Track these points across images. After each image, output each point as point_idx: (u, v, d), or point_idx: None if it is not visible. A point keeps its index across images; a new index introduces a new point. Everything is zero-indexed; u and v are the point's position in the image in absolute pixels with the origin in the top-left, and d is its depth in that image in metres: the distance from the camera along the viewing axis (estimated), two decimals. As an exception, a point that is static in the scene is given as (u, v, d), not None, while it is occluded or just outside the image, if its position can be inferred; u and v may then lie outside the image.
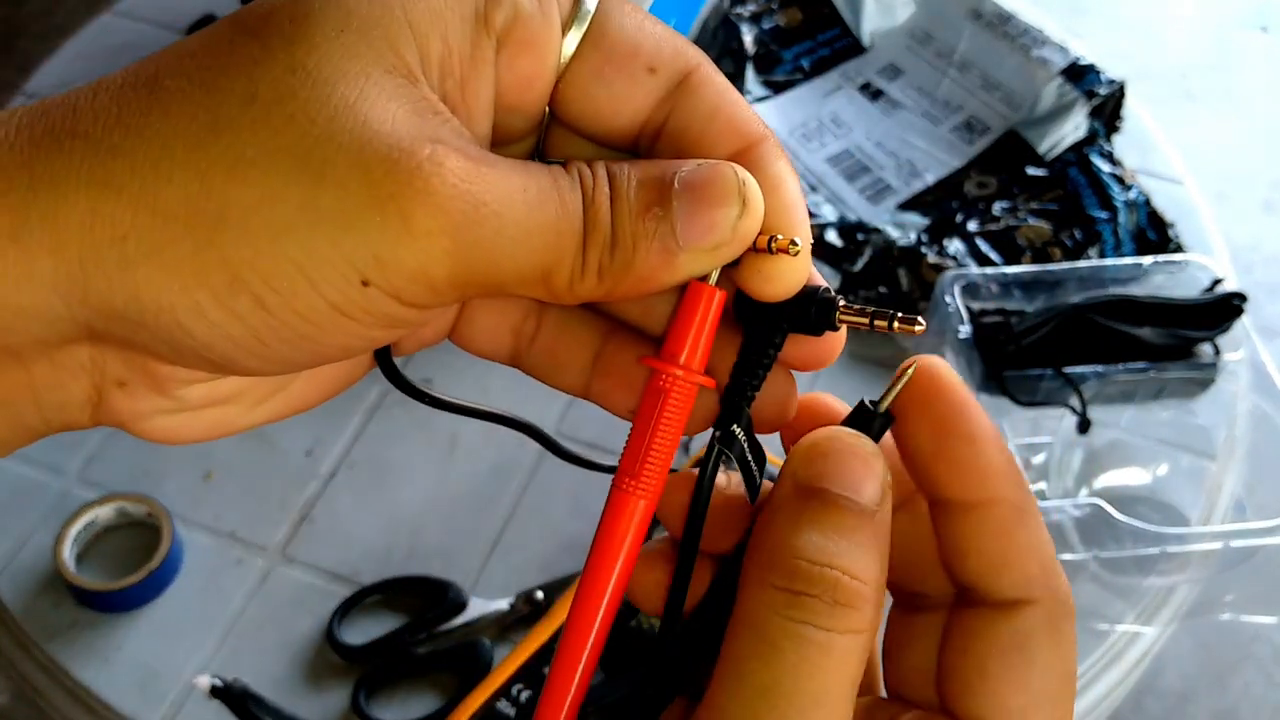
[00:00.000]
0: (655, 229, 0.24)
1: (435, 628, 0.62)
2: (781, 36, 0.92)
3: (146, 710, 0.60)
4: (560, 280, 0.24)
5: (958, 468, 0.26)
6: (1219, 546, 0.63)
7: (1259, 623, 0.68)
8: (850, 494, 0.24)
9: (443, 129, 0.23)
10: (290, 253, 0.22)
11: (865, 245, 0.77)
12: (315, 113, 0.22)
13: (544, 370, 0.29)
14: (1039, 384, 0.69)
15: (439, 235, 0.22)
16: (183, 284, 0.22)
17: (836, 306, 0.26)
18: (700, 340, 0.26)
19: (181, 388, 0.26)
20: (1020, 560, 0.26)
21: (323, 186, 0.21)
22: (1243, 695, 1.34)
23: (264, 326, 0.23)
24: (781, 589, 0.24)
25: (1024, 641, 0.26)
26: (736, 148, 0.26)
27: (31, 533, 0.66)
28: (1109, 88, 0.84)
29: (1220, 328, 0.70)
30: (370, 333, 0.24)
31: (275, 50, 0.22)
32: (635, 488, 0.26)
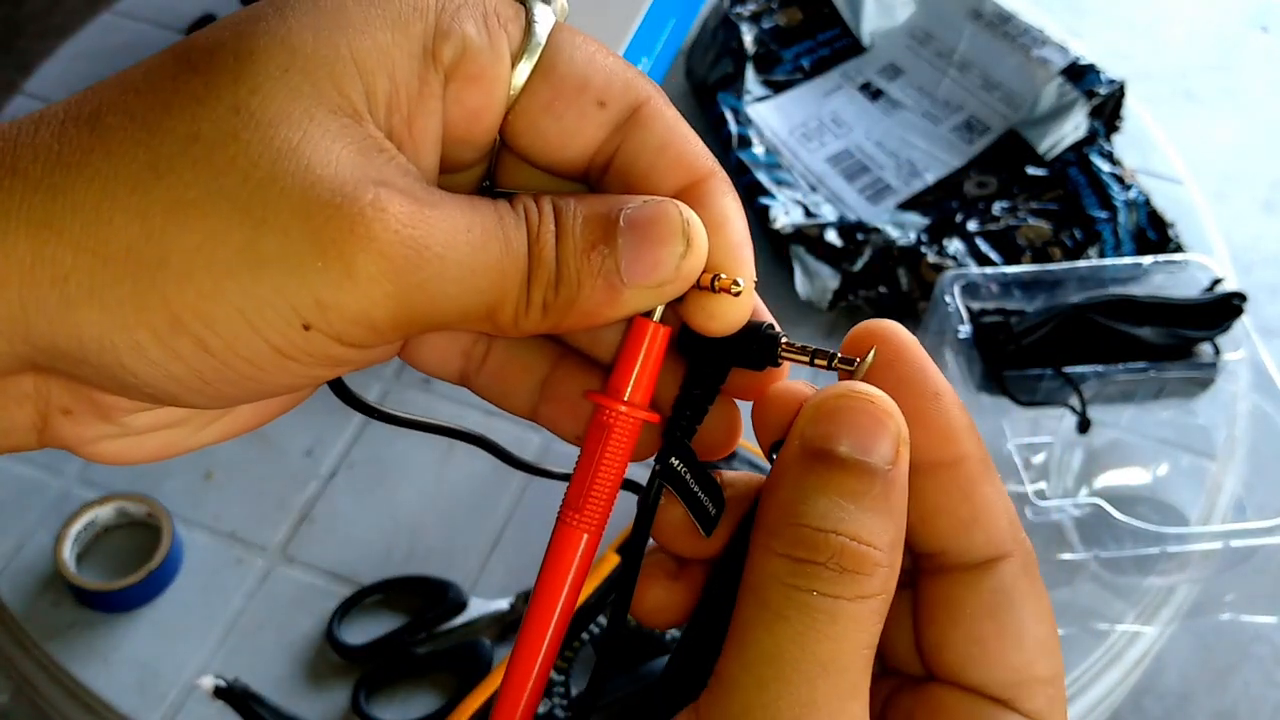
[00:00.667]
0: (600, 266, 0.24)
1: (435, 628, 0.62)
2: (781, 36, 0.92)
3: (146, 710, 0.60)
4: (505, 317, 0.24)
5: (925, 425, 0.25)
6: (1219, 546, 0.63)
7: (1259, 623, 0.68)
8: (860, 454, 0.24)
9: (387, 169, 0.23)
10: (232, 297, 0.22)
11: (865, 245, 0.77)
12: (258, 155, 0.22)
13: (493, 393, 0.30)
14: (1039, 384, 0.69)
15: (381, 280, 0.22)
16: (123, 324, 0.22)
17: (779, 344, 0.26)
18: (644, 376, 0.26)
19: (126, 415, 0.26)
20: (990, 515, 0.26)
21: (264, 231, 0.21)
22: (1243, 695, 1.34)
23: (206, 367, 0.23)
24: (785, 555, 0.23)
25: (1008, 598, 0.25)
26: (684, 182, 0.26)
27: (31, 533, 0.66)
28: (1109, 88, 0.84)
29: (1220, 328, 0.70)
30: (313, 372, 0.24)
31: (219, 89, 0.22)
32: (579, 521, 0.26)
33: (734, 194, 0.26)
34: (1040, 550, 0.61)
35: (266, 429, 0.72)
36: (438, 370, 0.30)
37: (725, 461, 0.66)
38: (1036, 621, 0.25)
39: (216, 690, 0.58)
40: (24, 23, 2.09)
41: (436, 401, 0.72)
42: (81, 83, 0.23)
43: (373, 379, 0.73)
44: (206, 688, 0.58)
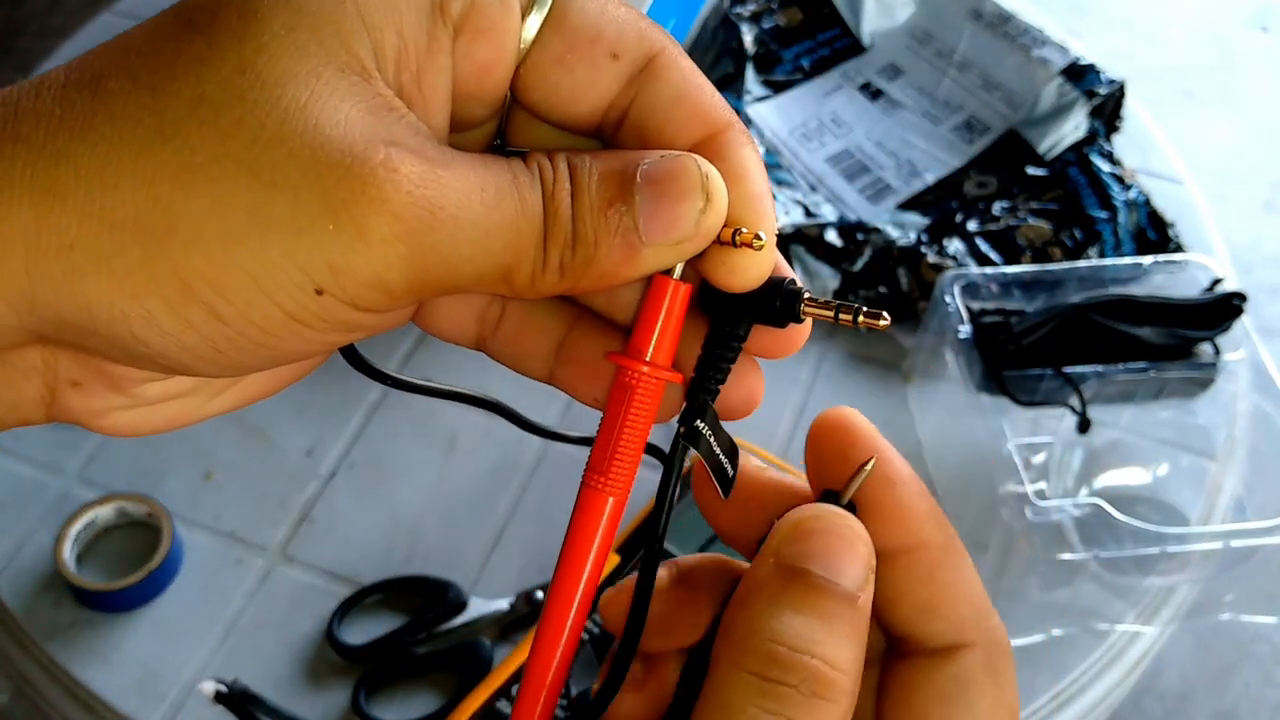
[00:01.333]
0: (617, 224, 0.23)
1: (435, 628, 0.62)
2: (781, 36, 0.92)
3: (146, 710, 0.60)
4: (521, 278, 0.23)
5: (879, 513, 0.25)
6: (1219, 546, 0.63)
7: (1259, 623, 0.68)
8: (834, 577, 0.24)
9: (397, 128, 0.22)
10: (243, 262, 0.21)
11: (865, 245, 0.77)
12: (265, 116, 0.21)
13: (509, 357, 0.29)
14: (1039, 384, 0.69)
15: (394, 242, 0.21)
16: (133, 293, 0.21)
17: (801, 299, 0.26)
18: (666, 335, 0.26)
19: (136, 386, 0.26)
20: (951, 603, 0.26)
21: (274, 194, 0.21)
22: (1243, 695, 1.34)
23: (219, 335, 0.22)
24: (755, 674, 0.23)
25: (963, 688, 0.25)
26: (701, 134, 0.25)
27: (31, 533, 0.66)
28: (1109, 88, 0.84)
29: (1220, 328, 0.70)
30: (326, 337, 0.23)
31: (223, 48, 0.22)
32: (605, 484, 0.26)
33: (753, 145, 0.25)
34: (1040, 550, 0.61)
35: (266, 429, 0.72)
36: (453, 335, 0.29)
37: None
38: (987, 716, 0.25)
39: (217, 695, 0.58)
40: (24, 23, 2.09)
41: (437, 401, 0.72)
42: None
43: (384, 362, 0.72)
44: (207, 693, 0.58)
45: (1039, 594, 0.64)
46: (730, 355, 0.26)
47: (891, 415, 0.73)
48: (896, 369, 0.75)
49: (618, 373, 0.26)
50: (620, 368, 0.26)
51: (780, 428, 0.72)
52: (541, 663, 0.26)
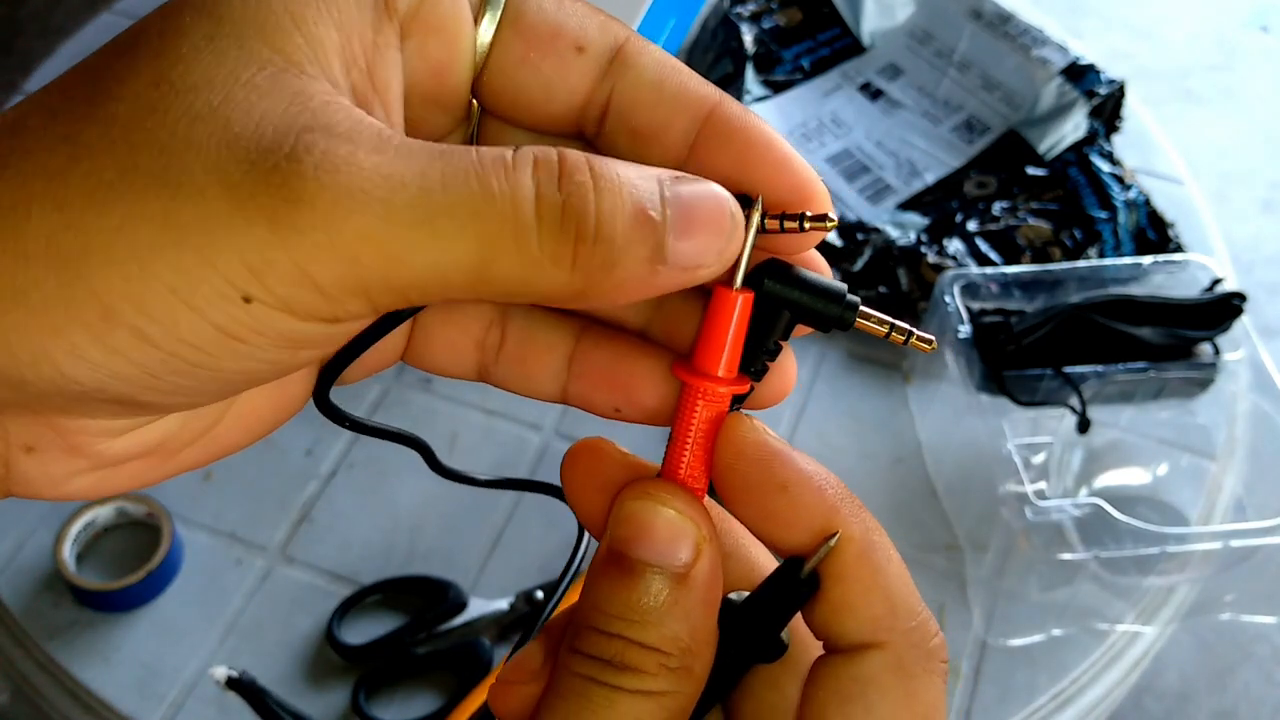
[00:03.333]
0: (645, 234, 0.22)
1: (435, 628, 0.62)
2: (781, 36, 0.92)
3: (146, 710, 0.60)
4: (504, 271, 0.21)
5: (779, 522, 0.25)
6: (1219, 546, 0.63)
7: (1259, 623, 0.68)
8: (655, 559, 0.24)
9: (322, 115, 0.20)
10: (161, 275, 0.20)
11: (865, 245, 0.77)
12: (175, 124, 0.20)
13: (515, 381, 0.28)
14: (1039, 384, 0.69)
15: (310, 231, 0.19)
16: (54, 327, 0.20)
17: (857, 310, 0.25)
18: (736, 348, 0.25)
19: (95, 444, 0.24)
20: (863, 601, 0.24)
21: (181, 198, 0.20)
22: (1243, 695, 1.34)
23: (150, 360, 0.21)
24: (575, 651, 0.24)
25: (863, 689, 0.24)
26: (696, 114, 0.24)
27: (31, 533, 0.66)
28: (1109, 88, 0.84)
29: (1220, 328, 0.70)
30: (269, 355, 0.21)
31: (140, 67, 0.21)
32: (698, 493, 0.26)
33: (750, 111, 0.24)
34: (1040, 550, 0.61)
35: (266, 429, 0.72)
36: (451, 367, 0.28)
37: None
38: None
39: (229, 681, 0.58)
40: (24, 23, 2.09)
41: (437, 402, 0.72)
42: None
43: (373, 379, 0.73)
44: (219, 678, 0.58)
45: (1039, 594, 0.64)
46: (771, 358, 0.26)
47: (891, 415, 0.73)
48: (896, 369, 0.75)
49: (691, 389, 0.26)
50: (694, 386, 0.26)
51: (780, 428, 0.72)
52: None
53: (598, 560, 0.25)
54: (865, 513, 0.25)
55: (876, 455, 0.71)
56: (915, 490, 0.69)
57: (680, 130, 0.24)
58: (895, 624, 0.24)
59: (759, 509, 0.25)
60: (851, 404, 0.74)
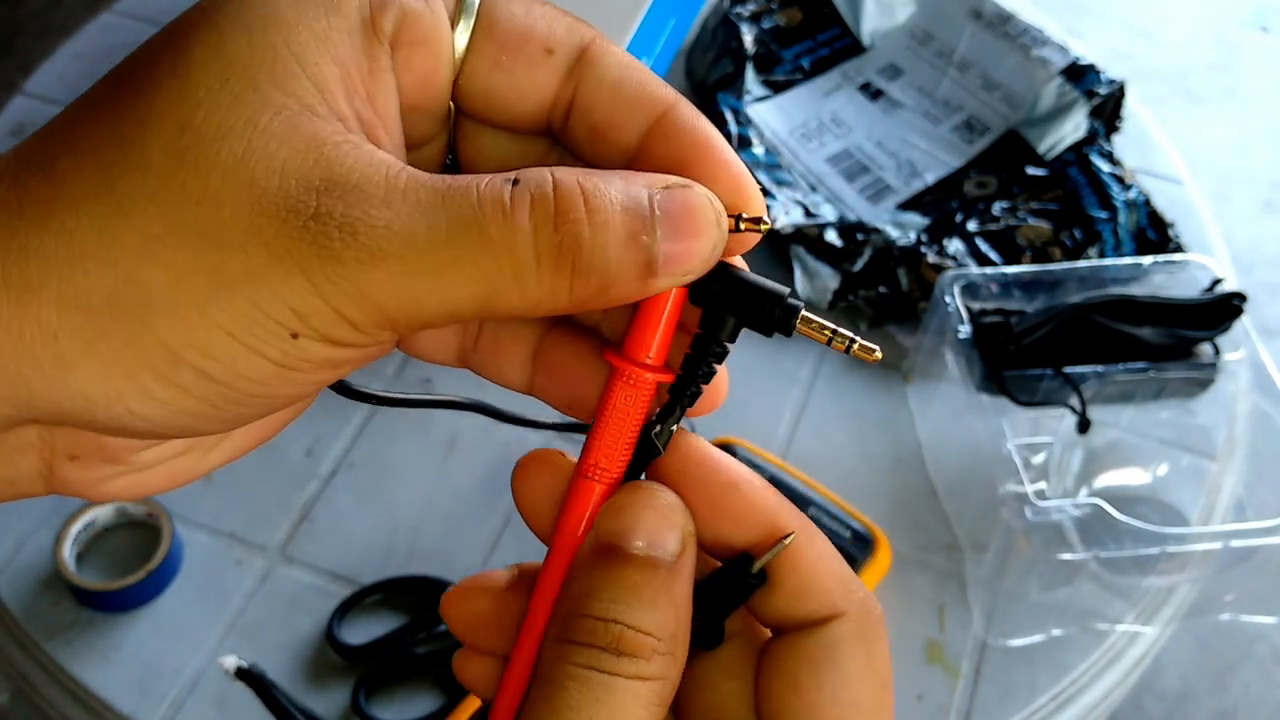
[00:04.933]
0: (637, 257, 0.23)
1: (435, 628, 0.62)
2: (781, 36, 0.92)
3: (146, 710, 0.60)
4: (506, 305, 0.23)
5: (730, 515, 0.26)
6: (1219, 546, 0.63)
7: (1259, 623, 0.68)
8: (645, 549, 0.25)
9: (337, 167, 0.22)
10: (218, 321, 0.22)
11: (865, 245, 0.77)
12: (206, 174, 0.22)
13: (490, 370, 0.30)
14: (1039, 384, 0.69)
15: (340, 282, 0.22)
16: (125, 371, 0.22)
17: (799, 314, 0.26)
18: (665, 337, 0.27)
19: (132, 454, 0.27)
20: (819, 581, 0.26)
21: (227, 254, 0.22)
22: (1243, 695, 1.34)
23: (213, 393, 0.23)
24: (569, 641, 0.25)
25: (832, 652, 0.26)
26: (651, 115, 0.26)
27: (31, 533, 0.66)
28: (1109, 88, 0.84)
29: (1220, 328, 0.70)
30: (317, 376, 0.24)
31: (162, 111, 0.22)
32: (599, 475, 0.27)
33: (701, 115, 0.26)
34: (1040, 550, 0.61)
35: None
36: (436, 354, 0.30)
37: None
38: (857, 679, 0.26)
39: (239, 671, 0.58)
40: (24, 23, 2.09)
41: (436, 401, 0.72)
42: (82, 82, 0.23)
43: (372, 380, 0.73)
44: (229, 667, 0.58)
45: (1039, 594, 0.64)
46: (718, 360, 0.27)
47: (891, 415, 0.73)
48: (896, 369, 0.75)
49: (616, 372, 0.27)
50: (620, 369, 0.27)
51: (780, 428, 0.72)
52: (528, 645, 0.27)
53: (584, 554, 0.26)
54: (793, 506, 0.27)
55: (876, 455, 0.71)
56: (915, 490, 0.69)
57: (635, 128, 0.26)
58: (848, 594, 0.26)
59: (713, 505, 0.27)
60: (851, 404, 0.74)
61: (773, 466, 0.67)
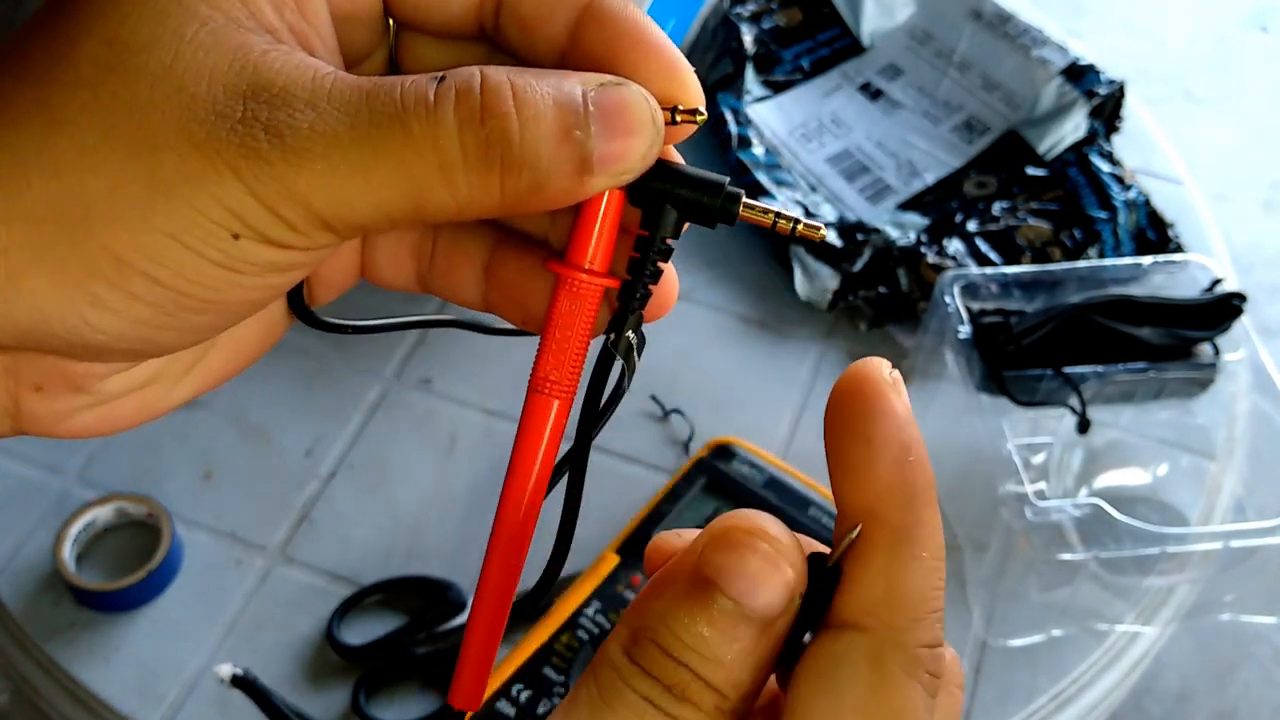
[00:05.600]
0: (572, 153, 0.23)
1: (435, 628, 0.62)
2: (781, 36, 0.92)
3: (146, 710, 0.60)
4: (435, 206, 0.23)
5: (845, 468, 0.25)
6: (1219, 546, 0.63)
7: (1259, 623, 0.68)
8: (742, 598, 0.23)
9: (265, 73, 0.23)
10: (160, 224, 0.22)
11: (865, 245, 0.77)
12: (135, 84, 0.22)
13: (447, 289, 0.30)
14: (1039, 384, 0.69)
15: (270, 182, 0.22)
16: (75, 279, 0.22)
17: (740, 200, 0.26)
18: (603, 241, 0.26)
19: (98, 381, 0.26)
20: (866, 581, 0.24)
21: (161, 158, 0.22)
22: (1242, 695, 1.34)
23: (165, 300, 0.23)
24: (636, 664, 0.23)
25: (835, 668, 0.23)
26: (576, 4, 0.25)
27: (31, 533, 0.66)
28: (1109, 88, 0.84)
29: (1220, 328, 0.70)
30: (266, 280, 0.24)
31: (90, 26, 0.23)
32: (551, 389, 0.27)
33: (632, 3, 0.26)
34: (1040, 550, 0.61)
35: (266, 429, 0.72)
36: (397, 280, 0.30)
37: (725, 461, 0.66)
38: (854, 710, 0.23)
39: (234, 679, 0.58)
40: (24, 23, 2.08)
41: (437, 402, 0.72)
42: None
43: (373, 379, 0.73)
44: (224, 675, 0.58)
45: (1039, 594, 0.64)
46: (663, 259, 0.27)
47: (891, 415, 0.73)
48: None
49: (559, 280, 0.27)
50: (561, 276, 0.26)
51: (780, 428, 0.72)
52: (494, 570, 0.27)
53: (679, 572, 0.24)
54: (931, 515, 0.25)
55: (876, 455, 0.71)
56: (915, 490, 0.69)
57: (562, 20, 0.25)
58: (885, 615, 0.23)
59: (838, 448, 0.25)
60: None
61: (772, 467, 0.66)
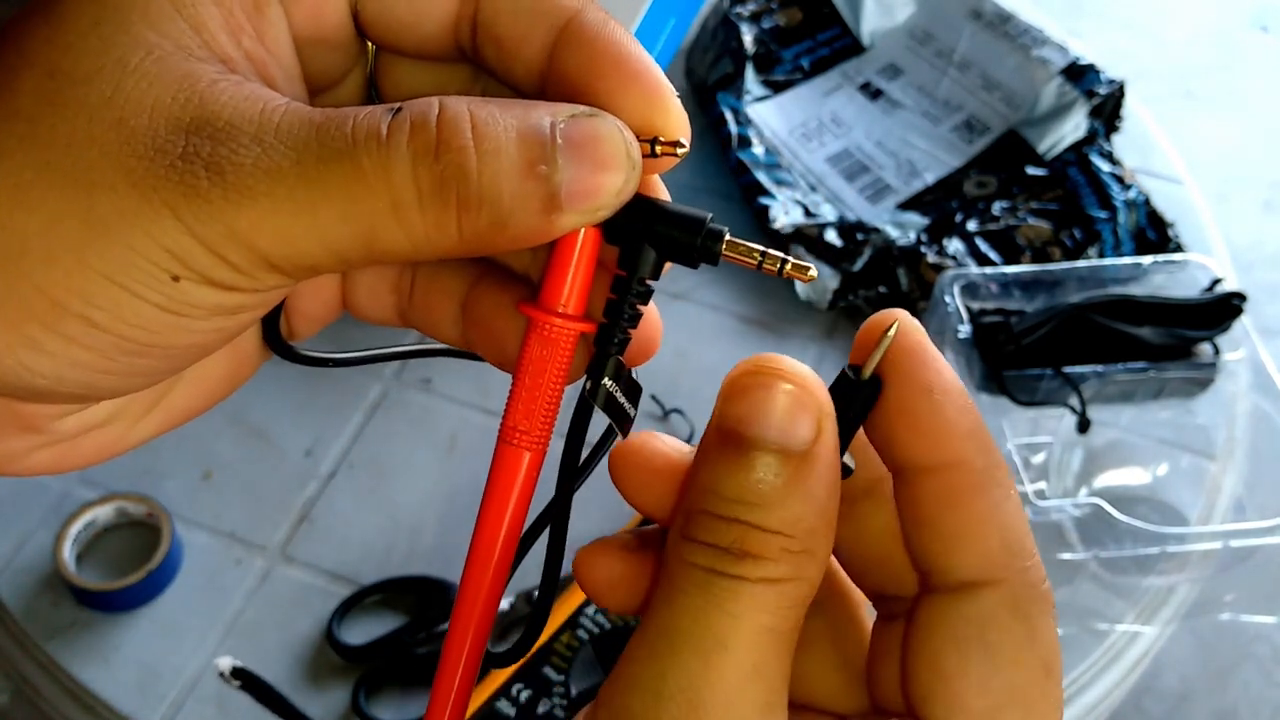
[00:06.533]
0: (536, 189, 0.21)
1: (435, 628, 0.62)
2: (781, 36, 0.92)
3: (146, 710, 0.60)
4: (393, 243, 0.22)
5: (912, 423, 0.23)
6: (1219, 546, 0.63)
7: (1259, 623, 0.68)
8: (770, 434, 0.22)
9: (210, 105, 0.21)
10: (95, 265, 0.21)
11: (865, 245, 0.77)
12: (74, 117, 0.21)
13: (427, 325, 0.28)
14: (1039, 384, 0.69)
15: (210, 222, 0.21)
16: (8, 321, 0.21)
17: (723, 239, 0.24)
18: (577, 283, 0.24)
19: (52, 421, 0.25)
20: (978, 534, 0.23)
21: (96, 195, 0.21)
22: (1242, 695, 1.34)
23: (104, 344, 0.22)
24: (690, 539, 0.22)
25: (982, 630, 0.22)
26: (553, 25, 0.24)
27: (31, 533, 0.66)
28: (1109, 87, 0.84)
29: (1220, 328, 0.70)
30: (212, 323, 0.23)
31: (33, 57, 0.22)
32: (520, 440, 0.25)
33: (613, 21, 0.24)
34: (1040, 550, 0.61)
35: (266, 429, 0.72)
36: (377, 314, 0.29)
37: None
38: (1011, 665, 0.22)
39: (234, 671, 0.58)
40: (24, 23, 2.08)
41: (437, 401, 0.72)
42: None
43: (373, 379, 0.73)
44: (224, 668, 0.58)
45: (1039, 594, 0.64)
46: (642, 301, 0.25)
47: (891, 415, 0.73)
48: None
49: (530, 324, 0.25)
50: (532, 320, 0.25)
51: (780, 428, 0.71)
52: (462, 624, 0.26)
53: (708, 439, 0.23)
54: (994, 448, 0.24)
55: (876, 455, 0.71)
56: (915, 490, 0.69)
57: (539, 40, 0.24)
58: (1010, 561, 0.23)
59: (898, 403, 0.23)
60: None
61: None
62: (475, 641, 0.27)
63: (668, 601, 0.22)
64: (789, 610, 0.22)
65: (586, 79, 0.23)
